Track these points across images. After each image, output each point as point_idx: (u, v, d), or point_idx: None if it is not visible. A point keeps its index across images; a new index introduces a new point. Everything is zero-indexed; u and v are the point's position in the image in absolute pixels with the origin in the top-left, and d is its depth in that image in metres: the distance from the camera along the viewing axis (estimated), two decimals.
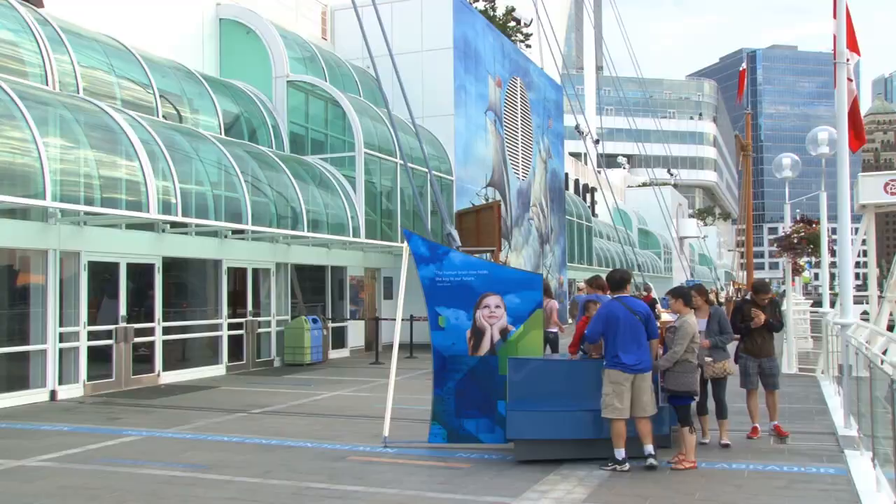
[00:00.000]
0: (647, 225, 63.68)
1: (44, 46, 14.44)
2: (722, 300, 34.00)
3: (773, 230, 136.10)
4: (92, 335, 13.42)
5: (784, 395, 12.16)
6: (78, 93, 14.80)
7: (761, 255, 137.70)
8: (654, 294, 19.47)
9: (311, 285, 19.99)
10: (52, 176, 11.97)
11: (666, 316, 9.40)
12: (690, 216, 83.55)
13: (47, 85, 14.28)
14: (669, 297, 8.35)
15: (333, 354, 19.81)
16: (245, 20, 21.82)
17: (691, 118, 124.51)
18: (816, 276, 51.67)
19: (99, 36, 16.61)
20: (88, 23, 16.76)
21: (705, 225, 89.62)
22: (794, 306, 18.87)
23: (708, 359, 8.70)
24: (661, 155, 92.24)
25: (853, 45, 9.91)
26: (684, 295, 8.20)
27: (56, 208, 12.41)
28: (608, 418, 7.66)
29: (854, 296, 11.10)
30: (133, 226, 14.44)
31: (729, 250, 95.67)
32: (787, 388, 13.22)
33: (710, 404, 9.07)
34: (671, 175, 79.91)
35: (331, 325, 19.82)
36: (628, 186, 70.98)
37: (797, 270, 25.03)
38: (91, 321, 13.39)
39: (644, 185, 72.19)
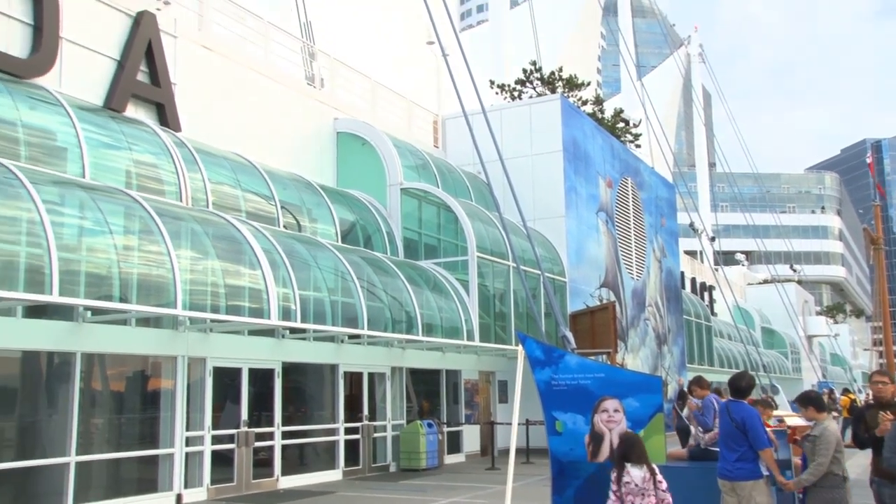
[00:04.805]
0: (770, 323, 60.91)
1: (179, 166, 15.58)
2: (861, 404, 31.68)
3: None
4: (215, 439, 13.80)
5: None
6: (207, 206, 15.79)
7: None
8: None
9: (425, 388, 20.00)
10: (182, 286, 12.66)
11: (795, 420, 8.79)
12: (818, 313, 79.43)
13: (181, 201, 15.32)
14: (798, 405, 7.83)
15: (449, 459, 19.54)
16: (361, 132, 22.86)
17: (813, 212, 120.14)
18: None
19: (227, 154, 17.80)
20: (218, 140, 17.99)
21: (835, 322, 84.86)
22: None
23: None
24: (783, 251, 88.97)
25: None
26: (814, 400, 7.60)
27: (185, 317, 13.07)
28: None
29: None
30: (255, 332, 14.99)
31: (865, 349, 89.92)
32: None
33: None
34: (794, 271, 76.69)
35: (446, 429, 19.66)
36: (748, 284, 68.51)
37: None
38: (214, 425, 13.81)
39: (765, 281, 69.43)
